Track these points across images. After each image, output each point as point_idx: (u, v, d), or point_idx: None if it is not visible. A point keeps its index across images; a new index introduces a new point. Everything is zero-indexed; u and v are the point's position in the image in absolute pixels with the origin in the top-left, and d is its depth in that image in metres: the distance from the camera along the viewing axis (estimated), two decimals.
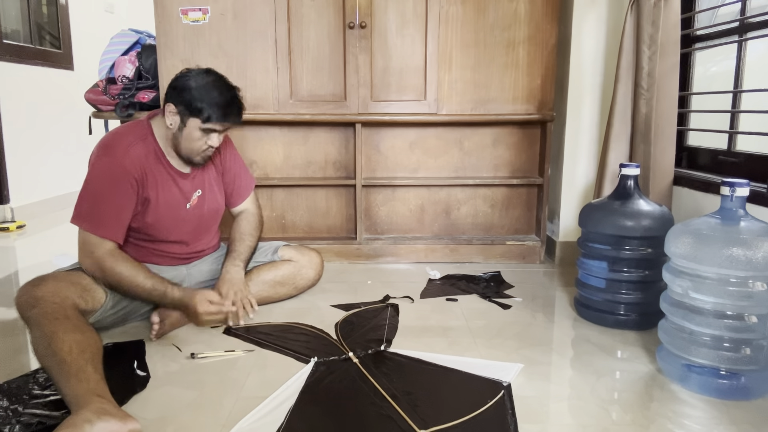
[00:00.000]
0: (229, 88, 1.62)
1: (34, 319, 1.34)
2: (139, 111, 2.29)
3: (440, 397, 1.28)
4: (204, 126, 1.58)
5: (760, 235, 1.24)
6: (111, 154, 1.57)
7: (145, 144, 1.62)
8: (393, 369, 1.42)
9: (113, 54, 2.35)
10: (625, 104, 2.00)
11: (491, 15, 2.29)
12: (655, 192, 1.91)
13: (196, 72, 1.61)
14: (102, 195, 1.56)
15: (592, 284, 1.73)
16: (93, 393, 1.13)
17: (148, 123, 1.66)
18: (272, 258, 1.91)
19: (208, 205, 1.78)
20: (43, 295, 1.40)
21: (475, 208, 2.54)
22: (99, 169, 1.56)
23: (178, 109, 1.58)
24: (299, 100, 2.34)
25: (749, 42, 1.77)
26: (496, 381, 1.36)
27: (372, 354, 1.50)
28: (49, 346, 1.24)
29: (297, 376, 1.36)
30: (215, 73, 1.63)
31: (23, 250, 2.78)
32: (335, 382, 1.35)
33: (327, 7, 2.29)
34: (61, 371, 1.18)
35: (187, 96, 1.56)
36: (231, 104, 1.60)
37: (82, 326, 1.34)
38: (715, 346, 1.29)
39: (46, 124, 3.64)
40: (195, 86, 1.56)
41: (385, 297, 1.98)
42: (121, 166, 1.56)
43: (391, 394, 1.28)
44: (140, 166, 1.59)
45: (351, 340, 1.59)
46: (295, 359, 1.47)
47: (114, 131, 1.66)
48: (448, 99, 2.36)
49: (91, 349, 1.26)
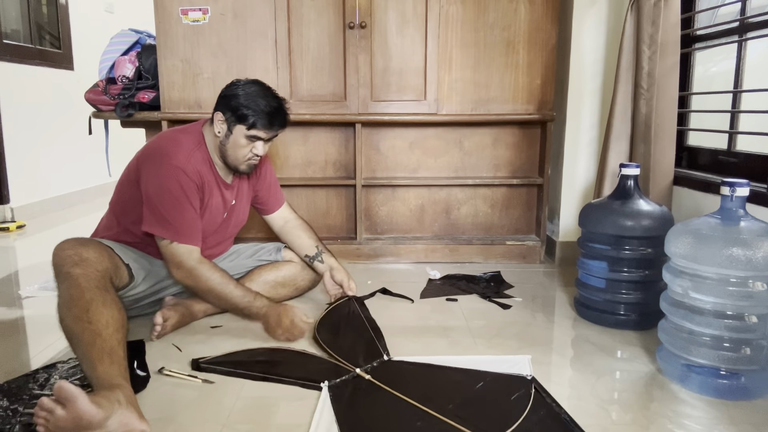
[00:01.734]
0: (275, 97, 1.65)
1: (75, 278, 1.33)
2: (138, 111, 2.29)
3: (480, 402, 1.25)
4: (249, 133, 1.61)
5: (760, 235, 1.24)
6: (175, 163, 1.57)
7: (201, 152, 1.65)
8: (410, 379, 1.35)
9: (113, 54, 2.35)
10: (625, 104, 2.00)
11: (491, 15, 2.30)
12: (655, 192, 1.91)
13: (244, 82, 1.65)
14: (179, 203, 1.56)
15: (592, 284, 1.73)
16: (123, 378, 1.15)
17: (200, 130, 1.69)
18: (275, 257, 1.92)
19: (236, 216, 1.82)
20: (89, 257, 1.40)
21: (475, 208, 2.54)
22: (168, 178, 1.56)
23: (225, 116, 1.62)
24: (299, 100, 2.34)
25: (749, 42, 1.77)
26: (520, 377, 1.35)
27: (378, 366, 1.41)
28: (86, 312, 1.25)
29: (321, 404, 1.24)
30: (262, 84, 1.67)
31: (23, 250, 2.78)
32: (365, 405, 1.24)
33: (327, 7, 2.29)
34: (93, 344, 1.19)
35: (233, 103, 1.60)
36: (276, 112, 1.63)
37: (118, 303, 1.35)
38: (715, 346, 1.29)
39: (46, 124, 3.64)
40: (242, 94, 1.60)
41: (382, 289, 2.02)
42: (187, 175, 1.58)
43: (431, 407, 1.21)
44: (200, 174, 1.62)
45: (342, 352, 1.48)
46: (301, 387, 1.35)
47: (169, 137, 1.66)
48: (448, 99, 2.36)
49: (123, 330, 1.28)
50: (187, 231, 1.58)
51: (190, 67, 2.30)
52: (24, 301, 1.95)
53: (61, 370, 1.39)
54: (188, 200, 1.58)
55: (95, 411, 1.00)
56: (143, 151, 1.66)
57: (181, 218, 1.56)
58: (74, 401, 0.99)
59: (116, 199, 1.70)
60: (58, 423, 0.99)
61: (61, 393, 0.99)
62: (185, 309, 1.68)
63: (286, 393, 1.31)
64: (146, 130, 2.46)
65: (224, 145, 1.65)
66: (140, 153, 1.66)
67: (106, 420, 1.01)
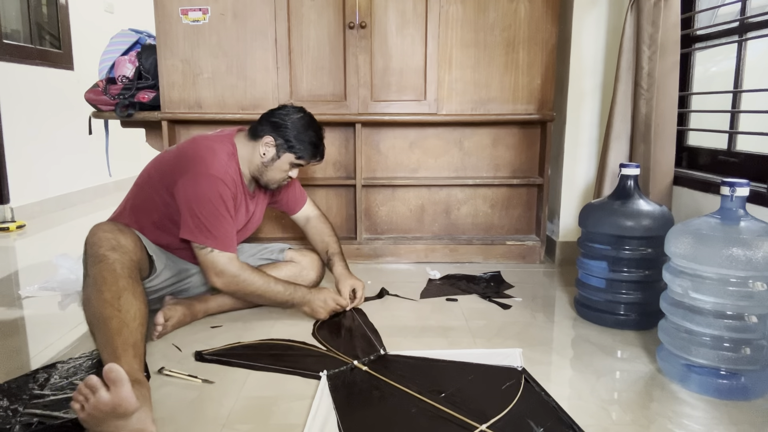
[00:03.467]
0: (320, 128, 1.75)
1: (111, 263, 1.34)
2: (139, 111, 2.29)
3: (472, 391, 1.30)
4: (296, 162, 1.72)
5: (760, 235, 1.24)
6: (214, 173, 1.58)
7: (234, 163, 1.68)
8: (407, 371, 1.40)
9: (113, 54, 2.35)
10: (625, 104, 2.00)
11: (491, 15, 2.30)
12: (655, 192, 1.91)
13: (293, 110, 1.72)
14: (219, 212, 1.58)
15: (592, 284, 1.73)
16: (142, 374, 1.17)
17: (233, 141, 1.71)
18: (277, 257, 1.94)
19: (253, 223, 1.86)
20: (126, 244, 1.42)
21: (475, 208, 2.54)
22: (209, 188, 1.57)
23: (277, 142, 1.68)
24: (299, 100, 2.34)
25: (749, 42, 1.77)
26: (510, 368, 1.41)
27: (375, 359, 1.47)
28: (118, 300, 1.26)
29: (320, 393, 1.28)
30: (309, 114, 1.75)
31: (23, 250, 2.78)
32: (363, 392, 1.30)
33: (327, 7, 2.29)
34: (120, 333, 1.20)
35: (287, 133, 1.68)
36: (321, 145, 1.74)
37: (145, 297, 1.37)
38: (715, 346, 1.29)
39: (46, 124, 3.64)
40: (294, 126, 1.69)
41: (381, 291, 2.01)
42: (226, 184, 1.60)
43: (425, 395, 1.27)
44: (234, 185, 1.65)
45: (340, 347, 1.54)
46: (300, 376, 1.39)
47: (206, 145, 1.65)
48: (448, 99, 2.36)
49: (145, 326, 1.30)
50: (226, 239, 1.60)
51: (190, 67, 2.30)
52: (24, 301, 1.95)
53: (61, 370, 1.39)
54: (227, 209, 1.60)
55: (134, 400, 1.01)
56: (180, 158, 1.64)
57: (221, 227, 1.58)
58: (121, 386, 0.99)
59: (136, 199, 1.69)
60: (99, 405, 0.99)
61: (111, 375, 0.99)
62: (186, 309, 1.69)
63: (285, 393, 1.31)
64: (146, 130, 2.45)
65: (266, 166, 1.70)
66: (175, 159, 1.65)
67: (134, 412, 1.02)
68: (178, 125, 2.41)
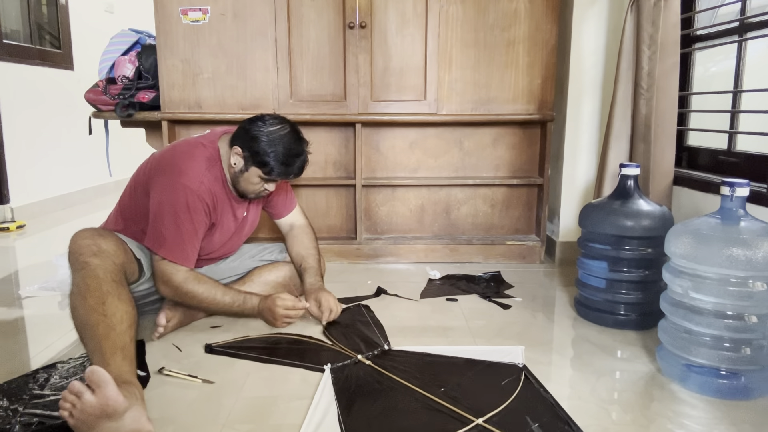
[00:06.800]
0: (297, 142, 1.63)
1: (93, 268, 1.33)
2: (139, 111, 2.29)
3: (472, 386, 1.32)
4: (264, 177, 1.62)
5: (760, 235, 1.24)
6: (185, 182, 1.55)
7: (215, 170, 1.63)
8: (409, 366, 1.42)
9: (113, 54, 2.35)
10: (625, 104, 2.00)
11: (491, 15, 2.30)
12: (655, 192, 1.91)
13: (272, 122, 1.62)
14: (179, 221, 1.55)
15: (592, 284, 1.73)
16: (134, 375, 1.16)
17: (216, 146, 1.66)
18: (276, 257, 1.94)
19: (248, 225, 1.84)
20: (107, 249, 1.41)
21: (475, 208, 2.54)
22: (176, 197, 1.54)
23: (243, 154, 1.60)
24: (299, 100, 2.34)
25: (749, 42, 1.77)
26: (511, 365, 1.43)
27: (379, 354, 1.50)
28: (102, 305, 1.25)
29: (322, 385, 1.32)
30: (289, 126, 1.64)
31: (23, 250, 2.78)
32: (364, 385, 1.32)
33: (327, 7, 2.29)
34: (107, 337, 1.19)
35: (255, 146, 1.58)
36: (293, 162, 1.62)
37: (131, 299, 1.36)
38: (715, 346, 1.29)
39: (46, 124, 3.64)
40: (265, 140, 1.58)
41: (378, 290, 2.02)
42: (198, 195, 1.56)
43: (427, 389, 1.29)
44: (212, 194, 1.61)
45: (346, 343, 1.57)
46: (306, 369, 1.43)
47: (184, 150, 1.62)
48: (448, 99, 2.36)
49: (135, 327, 1.29)
50: (177, 249, 1.55)
51: (190, 67, 2.30)
52: (24, 301, 1.95)
53: (61, 370, 1.39)
54: (191, 220, 1.56)
55: (122, 400, 1.00)
56: (157, 163, 1.63)
57: (177, 237, 1.54)
58: (105, 387, 0.99)
59: (125, 203, 1.69)
60: (85, 408, 0.99)
61: (93, 377, 0.99)
62: (186, 309, 1.68)
63: (285, 393, 1.31)
64: (146, 130, 2.45)
65: (237, 176, 1.64)
66: (154, 163, 1.64)
67: (125, 412, 1.02)
68: (178, 125, 2.40)
